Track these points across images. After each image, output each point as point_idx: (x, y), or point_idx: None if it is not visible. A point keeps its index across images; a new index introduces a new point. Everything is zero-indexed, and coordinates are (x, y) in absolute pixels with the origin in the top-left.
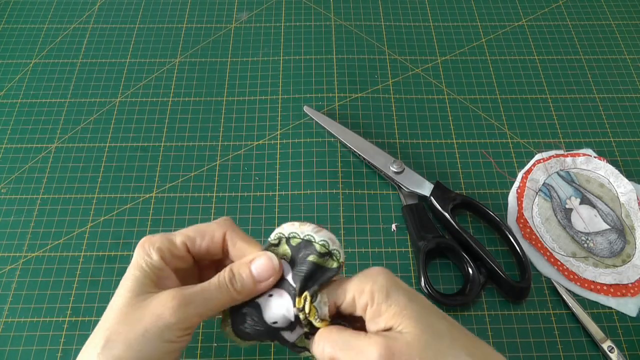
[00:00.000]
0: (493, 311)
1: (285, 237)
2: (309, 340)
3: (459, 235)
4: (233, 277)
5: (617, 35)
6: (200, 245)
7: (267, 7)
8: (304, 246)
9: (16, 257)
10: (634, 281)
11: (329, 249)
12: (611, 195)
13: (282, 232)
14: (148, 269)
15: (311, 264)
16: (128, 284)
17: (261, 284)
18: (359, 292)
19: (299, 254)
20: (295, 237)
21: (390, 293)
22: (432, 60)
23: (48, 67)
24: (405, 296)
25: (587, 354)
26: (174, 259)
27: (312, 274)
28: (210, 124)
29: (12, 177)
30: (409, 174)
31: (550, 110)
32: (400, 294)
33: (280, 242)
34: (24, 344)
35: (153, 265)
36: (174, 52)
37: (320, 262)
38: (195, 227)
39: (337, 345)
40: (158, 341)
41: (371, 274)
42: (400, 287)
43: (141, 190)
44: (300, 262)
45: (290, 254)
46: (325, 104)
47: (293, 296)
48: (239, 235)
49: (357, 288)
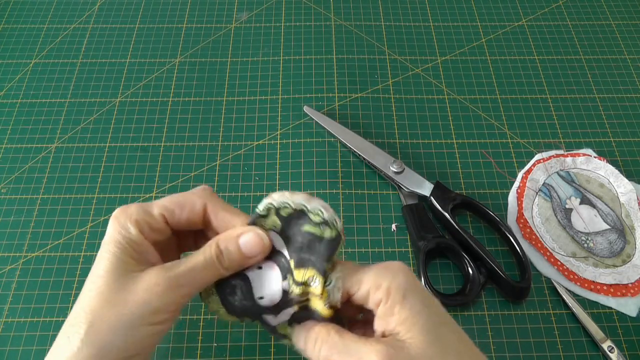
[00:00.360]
0: (493, 311)
1: (274, 208)
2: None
3: (459, 235)
4: (220, 253)
5: (617, 35)
6: (179, 217)
7: (267, 7)
8: (296, 216)
9: (16, 257)
10: (634, 281)
11: (323, 217)
12: (611, 195)
13: (272, 202)
14: (126, 244)
15: (307, 234)
16: (106, 263)
17: (249, 260)
18: (376, 286)
19: (290, 224)
20: (286, 207)
21: (407, 294)
22: (432, 60)
23: (48, 67)
24: (420, 301)
25: (587, 354)
26: (152, 232)
27: (309, 244)
28: (210, 124)
29: (12, 177)
30: (409, 174)
31: (550, 110)
32: (416, 297)
33: (269, 213)
34: (24, 344)
35: (131, 239)
36: (174, 52)
37: (316, 232)
38: (172, 197)
39: (335, 348)
40: (145, 325)
41: (390, 269)
42: (417, 289)
43: (141, 190)
44: (294, 233)
45: (281, 225)
46: (325, 104)
47: (285, 270)
48: (220, 205)
49: (374, 281)
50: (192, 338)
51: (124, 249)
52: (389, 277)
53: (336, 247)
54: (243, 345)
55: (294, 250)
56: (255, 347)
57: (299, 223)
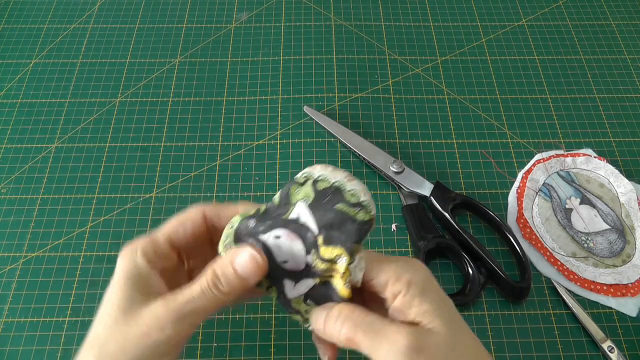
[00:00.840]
0: (493, 311)
1: (313, 179)
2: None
3: (459, 235)
4: (217, 279)
5: (617, 35)
6: (185, 233)
7: (267, 7)
8: (331, 192)
9: (16, 257)
10: (634, 281)
11: (359, 199)
12: (611, 195)
13: (312, 172)
14: (134, 277)
15: (339, 211)
16: (114, 297)
17: (249, 281)
18: (396, 277)
19: (323, 199)
20: (324, 180)
21: (426, 289)
22: (432, 60)
23: (48, 67)
24: (439, 298)
25: (587, 354)
26: (159, 260)
27: (340, 223)
28: (210, 124)
29: (12, 177)
30: (409, 174)
31: (550, 110)
32: (436, 294)
33: (305, 182)
34: (24, 344)
35: (139, 272)
36: (174, 52)
37: (350, 212)
38: (172, 219)
39: (359, 326)
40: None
41: (412, 264)
42: (436, 286)
43: (141, 190)
44: (327, 209)
45: (313, 197)
46: (325, 104)
47: (310, 244)
48: (219, 206)
49: (395, 272)
50: (192, 338)
51: (132, 282)
52: (410, 271)
53: (367, 231)
54: (243, 345)
55: (323, 226)
56: (255, 347)
57: (334, 200)
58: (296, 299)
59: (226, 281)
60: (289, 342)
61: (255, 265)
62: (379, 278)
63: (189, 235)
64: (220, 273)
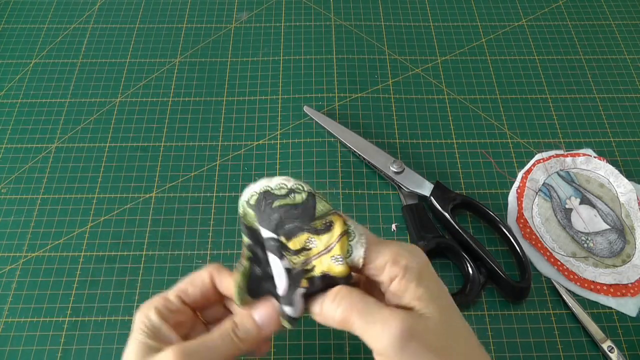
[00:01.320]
0: (493, 311)
1: (245, 202)
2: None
3: (459, 235)
4: (235, 326)
5: (617, 35)
6: (194, 293)
7: (267, 7)
8: (262, 198)
9: (16, 257)
10: (634, 281)
11: (288, 187)
12: (611, 195)
13: (242, 199)
14: (148, 331)
15: (278, 208)
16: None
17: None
18: (394, 261)
19: (261, 207)
20: (253, 194)
21: (422, 275)
22: (432, 60)
23: (48, 67)
24: (436, 284)
25: (587, 354)
26: (172, 315)
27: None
28: (210, 124)
29: (12, 177)
30: (409, 174)
31: (550, 110)
32: (432, 280)
33: (244, 210)
34: (24, 344)
35: (153, 325)
36: (174, 52)
37: (287, 202)
38: (185, 279)
39: (355, 308)
40: None
41: (411, 249)
42: (432, 273)
43: (141, 190)
44: (268, 213)
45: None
46: (325, 104)
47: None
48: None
49: (392, 256)
50: None
51: (147, 333)
52: (408, 256)
53: (313, 205)
54: None
55: (277, 227)
56: None
57: (268, 203)
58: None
59: (245, 330)
60: (289, 342)
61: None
62: (377, 261)
63: (198, 294)
64: (239, 321)
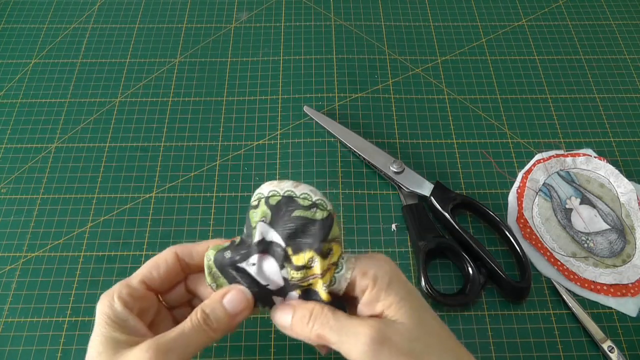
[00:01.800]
0: (493, 311)
1: (264, 197)
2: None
3: (459, 235)
4: (207, 316)
5: (617, 35)
6: (159, 275)
7: (267, 7)
8: (284, 202)
9: (16, 257)
10: (634, 281)
11: (312, 200)
12: (611, 195)
13: (262, 192)
14: (113, 321)
15: (297, 218)
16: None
17: (237, 317)
18: (362, 273)
19: (280, 212)
20: (275, 194)
21: (392, 282)
22: (432, 60)
23: (48, 67)
24: (404, 289)
25: (587, 354)
26: (137, 302)
27: (302, 229)
28: (210, 124)
29: (12, 177)
30: (409, 174)
31: (550, 110)
32: (400, 286)
33: (259, 204)
34: (24, 344)
35: (118, 317)
36: (174, 52)
37: (308, 215)
38: (146, 263)
39: (327, 325)
40: None
41: (377, 259)
42: (401, 279)
43: (141, 190)
44: (285, 220)
45: (270, 214)
46: (325, 104)
47: (281, 258)
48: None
49: (360, 269)
50: None
51: (112, 325)
52: (374, 266)
53: (330, 226)
54: (243, 345)
55: (288, 237)
56: (255, 347)
57: (289, 210)
58: None
59: (215, 317)
60: (289, 342)
61: (244, 299)
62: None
63: (163, 276)
64: (209, 311)
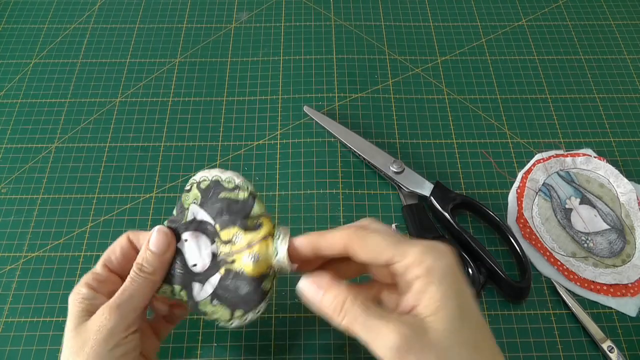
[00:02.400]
0: (493, 311)
1: (196, 182)
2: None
3: (459, 235)
4: (140, 265)
5: (617, 35)
6: (117, 259)
7: (267, 7)
8: (213, 186)
9: (16, 257)
10: (634, 281)
11: (235, 183)
12: (611, 195)
13: (194, 178)
14: (82, 303)
15: (223, 199)
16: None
17: (165, 255)
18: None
19: (209, 194)
20: (205, 179)
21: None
22: (432, 60)
23: (48, 67)
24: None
25: (587, 354)
26: (102, 285)
27: (228, 208)
28: (210, 124)
29: (12, 177)
30: (409, 174)
31: (550, 110)
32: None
33: (191, 188)
34: (24, 344)
35: (84, 298)
36: (174, 52)
37: (232, 196)
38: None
39: (357, 321)
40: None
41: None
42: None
43: (141, 190)
44: (214, 201)
45: (200, 197)
46: (325, 104)
47: (212, 234)
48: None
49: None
50: (192, 338)
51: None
52: (433, 257)
53: (252, 205)
54: (243, 345)
55: (216, 215)
56: (255, 347)
57: (216, 192)
58: (203, 301)
59: (147, 262)
60: (288, 342)
61: (164, 236)
62: (403, 262)
63: (120, 258)
64: (140, 260)
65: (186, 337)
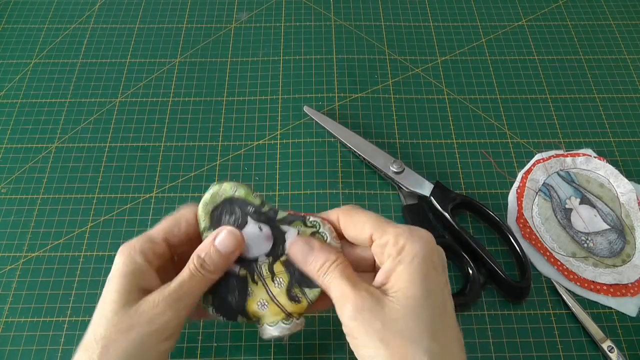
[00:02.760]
0: (493, 311)
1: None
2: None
3: (459, 235)
4: (203, 261)
5: (617, 35)
6: (179, 233)
7: (267, 7)
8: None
9: (16, 257)
10: (634, 281)
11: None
12: (611, 195)
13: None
14: (133, 275)
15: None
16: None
17: (231, 256)
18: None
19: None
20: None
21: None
22: (432, 60)
23: (48, 67)
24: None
25: (587, 354)
26: (156, 258)
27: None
28: (210, 124)
29: (12, 177)
30: (409, 174)
31: (550, 110)
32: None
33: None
34: (24, 344)
35: (138, 270)
36: (174, 52)
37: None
38: (167, 219)
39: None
40: (154, 343)
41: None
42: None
43: (141, 190)
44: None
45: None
46: (325, 104)
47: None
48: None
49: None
50: (192, 338)
51: (131, 280)
52: (408, 239)
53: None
54: (243, 345)
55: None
56: (255, 347)
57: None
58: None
59: (210, 260)
60: (288, 342)
61: (234, 240)
62: (381, 239)
63: (183, 234)
64: (203, 254)
65: (186, 337)
